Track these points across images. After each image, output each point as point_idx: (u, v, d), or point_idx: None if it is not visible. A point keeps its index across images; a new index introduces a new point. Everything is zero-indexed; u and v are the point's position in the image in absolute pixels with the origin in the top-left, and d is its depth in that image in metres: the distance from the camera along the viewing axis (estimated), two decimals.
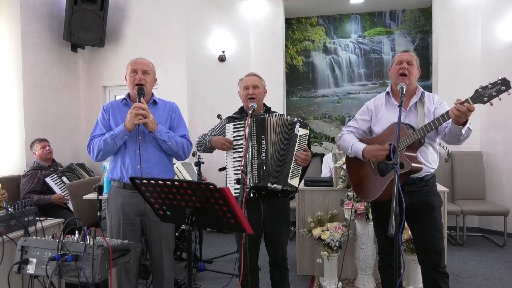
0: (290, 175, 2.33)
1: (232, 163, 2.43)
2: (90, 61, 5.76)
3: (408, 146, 2.16)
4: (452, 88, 5.10)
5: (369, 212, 3.16)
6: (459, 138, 2.12)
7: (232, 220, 1.63)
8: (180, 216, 1.70)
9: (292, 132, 2.39)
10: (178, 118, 2.52)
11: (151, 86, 2.44)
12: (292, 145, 2.37)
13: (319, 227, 3.39)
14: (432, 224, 2.27)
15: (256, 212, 2.37)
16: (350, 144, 2.45)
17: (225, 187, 1.56)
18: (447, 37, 5.21)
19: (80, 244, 1.74)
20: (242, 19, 5.64)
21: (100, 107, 5.78)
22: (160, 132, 2.32)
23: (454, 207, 4.57)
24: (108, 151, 2.35)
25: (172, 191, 1.65)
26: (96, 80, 5.78)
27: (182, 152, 2.42)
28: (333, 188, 3.61)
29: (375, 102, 2.48)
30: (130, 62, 2.42)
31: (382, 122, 2.39)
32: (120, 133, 2.30)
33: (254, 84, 2.52)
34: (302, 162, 2.37)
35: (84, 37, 5.24)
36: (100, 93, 5.81)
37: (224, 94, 5.42)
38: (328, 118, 6.20)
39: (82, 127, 5.79)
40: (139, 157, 2.33)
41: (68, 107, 5.50)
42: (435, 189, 2.35)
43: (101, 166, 5.19)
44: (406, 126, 2.23)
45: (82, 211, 3.70)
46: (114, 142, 2.32)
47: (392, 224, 1.76)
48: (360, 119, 2.52)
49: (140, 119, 2.25)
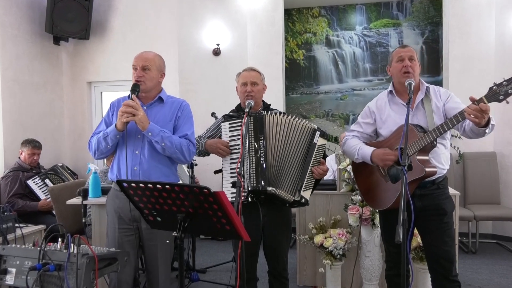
0: (304, 186, 2.35)
1: (228, 165, 2.43)
2: (74, 55, 5.75)
3: (420, 149, 2.17)
4: (464, 84, 5.11)
5: (375, 218, 3.16)
6: (483, 135, 2.14)
7: (228, 227, 1.63)
8: (172, 222, 1.69)
9: (311, 141, 2.38)
10: (185, 117, 2.49)
11: (152, 82, 2.41)
12: (310, 155, 2.37)
13: (321, 234, 3.39)
14: (444, 229, 2.27)
15: (254, 218, 2.36)
16: (356, 148, 2.44)
17: (220, 191, 1.56)
18: (458, 29, 5.22)
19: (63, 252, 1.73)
20: (238, 10, 5.64)
21: (85, 105, 5.86)
22: (151, 132, 2.28)
23: (466, 212, 4.58)
24: (102, 150, 2.36)
25: (163, 195, 1.64)
26: (81, 76, 5.77)
27: (181, 154, 2.35)
28: (337, 192, 3.61)
29: (377, 103, 2.48)
30: (134, 58, 2.42)
31: (389, 124, 2.39)
32: (111, 132, 2.31)
33: (253, 81, 2.51)
34: (319, 176, 2.40)
35: (68, 29, 5.23)
36: (85, 89, 5.80)
37: (219, 91, 5.41)
38: (331, 117, 6.21)
39: (66, 126, 5.77)
40: (138, 157, 2.33)
41: (51, 105, 5.48)
42: (447, 192, 2.36)
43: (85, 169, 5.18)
44: (416, 128, 2.23)
45: (65, 217, 3.69)
46: (106, 142, 2.32)
47: (400, 230, 1.76)
48: (363, 123, 2.51)
49: (127, 117, 2.24)
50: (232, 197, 2.13)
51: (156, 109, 2.43)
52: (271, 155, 2.36)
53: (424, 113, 2.31)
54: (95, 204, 3.19)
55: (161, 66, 2.47)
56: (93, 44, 5.63)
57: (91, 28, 5.44)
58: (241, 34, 5.64)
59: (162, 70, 2.49)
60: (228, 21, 5.59)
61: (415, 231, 2.51)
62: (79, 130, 5.84)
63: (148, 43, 5.35)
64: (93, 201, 3.19)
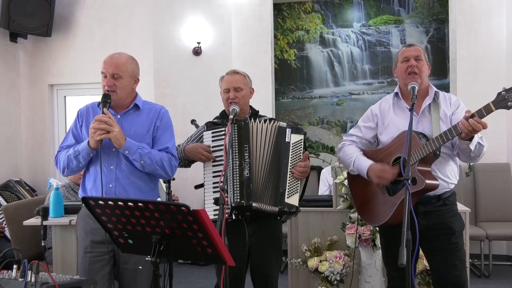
0: (287, 192, 2.35)
1: (211, 179, 2.43)
2: (34, 54, 5.70)
3: (421, 159, 2.20)
4: (473, 88, 5.19)
5: (376, 238, 3.18)
6: (469, 155, 2.18)
7: (209, 249, 1.63)
8: (145, 245, 1.69)
9: (282, 140, 2.40)
10: (164, 127, 2.50)
11: (125, 92, 2.40)
12: (285, 156, 2.38)
13: (315, 257, 3.39)
14: (452, 251, 2.30)
15: (240, 239, 2.37)
16: (352, 158, 2.47)
17: (200, 209, 1.56)
18: (466, 27, 5.32)
19: (19, 281, 1.71)
20: (221, 4, 5.68)
21: (45, 110, 5.80)
22: (128, 149, 2.30)
23: (477, 231, 4.63)
24: (73, 169, 2.38)
25: (135, 214, 1.64)
26: (41, 78, 5.71)
27: (162, 170, 2.38)
28: (333, 209, 3.62)
29: (381, 105, 2.52)
30: (103, 61, 2.39)
31: (390, 130, 2.43)
32: (83, 150, 2.31)
33: (236, 86, 2.52)
34: (300, 175, 2.38)
35: (26, 24, 5.19)
36: (46, 93, 5.74)
37: (199, 95, 5.42)
38: (326, 124, 6.26)
39: (23, 134, 5.70)
40: (113, 173, 2.33)
41: (6, 111, 5.41)
42: (455, 209, 2.39)
43: (45, 185, 5.11)
44: (418, 135, 2.26)
45: (21, 240, 3.64)
46: (78, 161, 2.33)
47: (403, 252, 1.77)
48: (363, 127, 2.54)
49: (101, 134, 2.24)
50: (214, 216, 2.13)
51: (131, 118, 2.43)
52: (256, 167, 2.37)
53: (430, 120, 2.34)
54: (57, 225, 3.14)
55: (134, 71, 2.47)
56: (56, 41, 5.59)
57: (54, 23, 5.40)
58: (224, 31, 5.68)
59: (136, 76, 2.49)
60: (210, 16, 5.62)
61: (421, 253, 2.53)
62: (38, 140, 5.76)
63: (119, 41, 5.34)
64: (54, 221, 3.14)
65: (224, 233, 1.93)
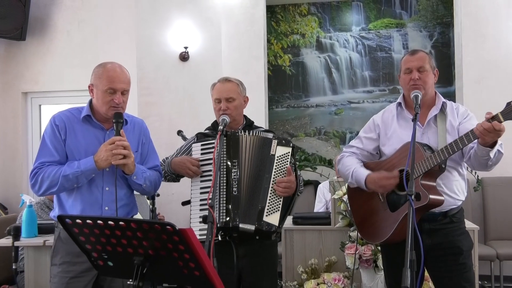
0: (267, 210, 2.33)
1: (198, 195, 2.43)
2: (6, 59, 5.68)
3: (425, 172, 2.21)
4: (480, 96, 5.23)
5: (378, 259, 3.18)
6: (486, 163, 2.19)
7: (197, 272, 1.62)
8: (126, 268, 1.67)
9: (267, 153, 2.40)
10: (149, 143, 2.55)
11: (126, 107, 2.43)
12: (268, 170, 2.38)
13: (313, 280, 3.38)
14: (460, 272, 2.30)
15: (230, 261, 2.36)
16: (350, 170, 2.48)
17: (187, 228, 1.55)
18: (472, 31, 5.37)
19: None
20: (210, 6, 5.70)
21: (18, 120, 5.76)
22: (137, 175, 2.35)
23: (487, 250, 4.64)
24: (60, 189, 2.31)
25: (115, 234, 1.62)
26: (14, 85, 5.69)
27: (155, 190, 2.51)
28: (331, 227, 3.62)
29: (384, 115, 2.54)
30: (106, 74, 2.33)
31: (393, 141, 2.44)
32: (88, 171, 2.28)
33: (228, 97, 2.52)
34: (282, 191, 2.36)
35: None
36: (20, 101, 5.71)
37: (186, 104, 5.41)
38: (323, 135, 6.27)
39: None
40: (108, 195, 2.33)
41: None
42: (462, 226, 2.40)
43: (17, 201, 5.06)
44: (423, 147, 2.28)
45: None
46: (78, 181, 2.29)
47: (407, 274, 1.77)
48: (364, 138, 2.56)
49: (119, 159, 2.24)
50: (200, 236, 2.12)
51: None
52: (245, 184, 2.37)
53: (436, 132, 2.36)
54: (30, 246, 3.13)
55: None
56: (31, 45, 5.58)
57: (29, 26, 5.40)
58: (214, 35, 5.69)
59: None
60: (198, 19, 5.64)
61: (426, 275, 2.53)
62: (10, 152, 5.72)
63: (99, 45, 5.35)
64: (26, 242, 3.13)
65: (213, 254, 1.92)
